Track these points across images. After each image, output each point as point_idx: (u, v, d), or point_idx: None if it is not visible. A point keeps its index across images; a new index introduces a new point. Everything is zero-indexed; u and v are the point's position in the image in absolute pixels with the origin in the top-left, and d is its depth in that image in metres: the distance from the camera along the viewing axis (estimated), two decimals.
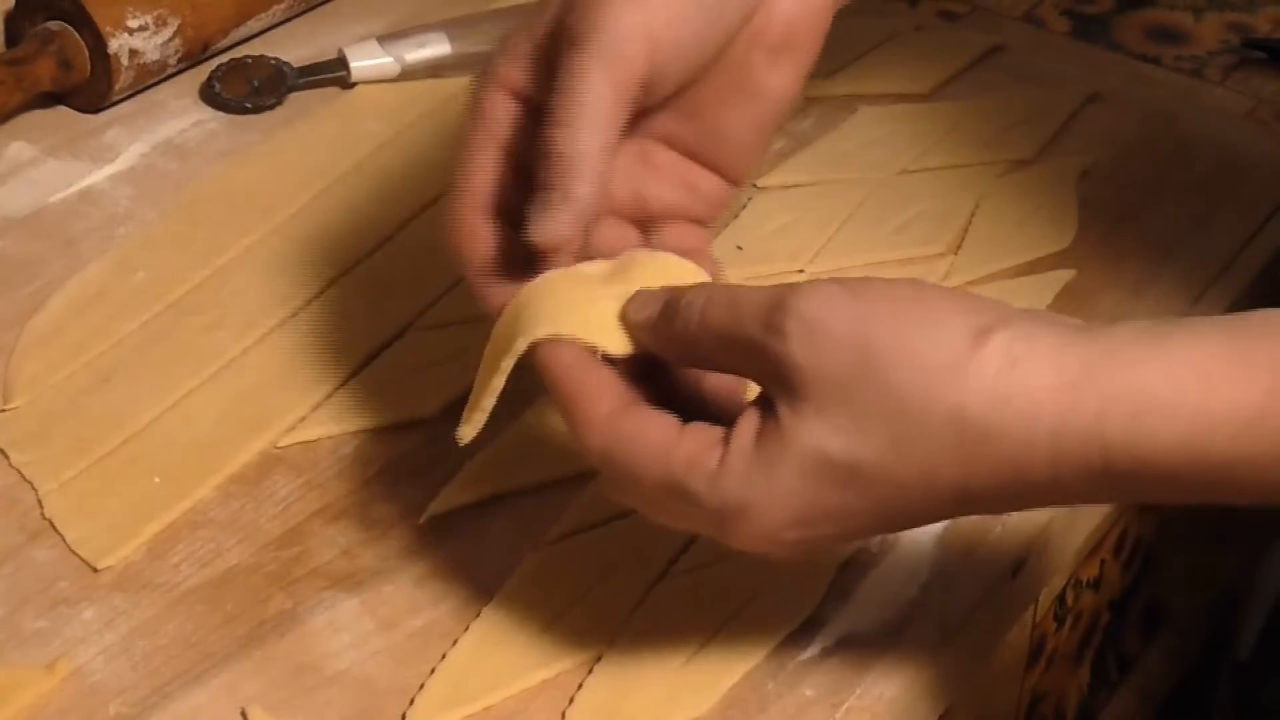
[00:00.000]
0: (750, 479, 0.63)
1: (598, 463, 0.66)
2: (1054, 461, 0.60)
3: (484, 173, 0.73)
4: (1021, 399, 0.59)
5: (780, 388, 0.63)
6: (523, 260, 0.70)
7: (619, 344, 0.67)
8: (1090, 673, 0.97)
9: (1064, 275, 0.94)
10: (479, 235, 0.72)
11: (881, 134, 1.03)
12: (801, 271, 0.93)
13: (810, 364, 0.62)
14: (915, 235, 0.96)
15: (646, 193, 0.75)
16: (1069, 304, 0.92)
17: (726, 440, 0.64)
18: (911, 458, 0.61)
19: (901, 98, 1.06)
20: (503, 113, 0.73)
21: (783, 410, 0.62)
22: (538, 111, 0.71)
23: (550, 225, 0.69)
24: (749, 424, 0.63)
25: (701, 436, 0.64)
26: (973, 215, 0.97)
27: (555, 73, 0.70)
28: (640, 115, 0.72)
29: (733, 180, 0.76)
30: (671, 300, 0.67)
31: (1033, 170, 1.01)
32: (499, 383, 0.69)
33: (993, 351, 0.60)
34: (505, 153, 0.73)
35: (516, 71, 0.72)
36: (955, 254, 0.95)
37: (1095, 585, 0.89)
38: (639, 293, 0.68)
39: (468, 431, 0.71)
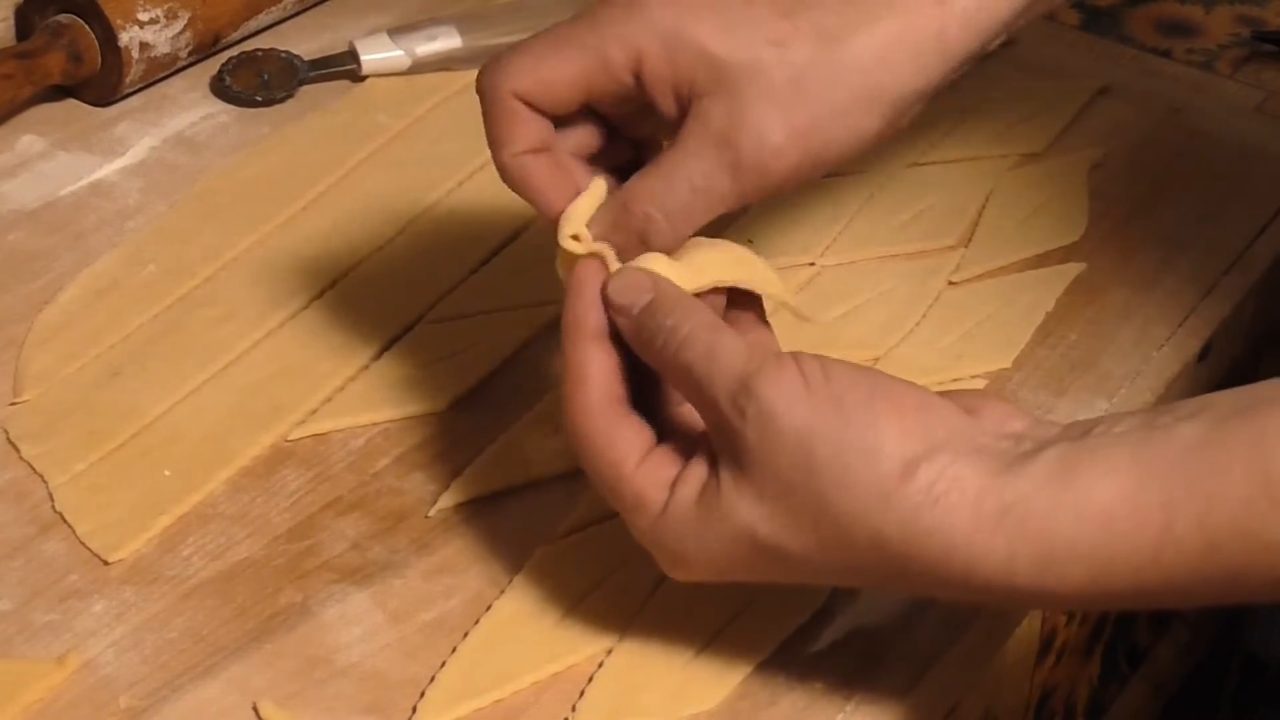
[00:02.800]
0: (684, 534, 0.67)
1: (570, 440, 0.70)
2: (964, 588, 0.65)
3: (549, 68, 0.73)
4: (938, 535, 0.64)
5: (729, 456, 0.66)
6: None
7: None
8: (1100, 665, 0.97)
9: (1074, 268, 0.94)
10: (518, 114, 0.73)
11: None
12: (813, 265, 0.93)
13: (759, 452, 0.65)
14: (925, 228, 0.96)
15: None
16: (1079, 297, 0.92)
17: (672, 485, 0.68)
18: (834, 559, 0.66)
19: None
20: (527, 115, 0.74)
21: (725, 478, 0.66)
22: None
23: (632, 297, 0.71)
24: (695, 478, 0.67)
25: (651, 475, 0.68)
26: (983, 208, 0.97)
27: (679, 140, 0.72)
28: None
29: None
30: (655, 312, 0.69)
31: (1043, 163, 1.01)
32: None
33: (918, 486, 0.64)
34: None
35: (541, 92, 0.73)
36: (965, 247, 0.95)
37: None
38: (622, 271, 0.71)
39: None
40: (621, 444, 0.69)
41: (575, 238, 0.72)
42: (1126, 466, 0.62)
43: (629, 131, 0.75)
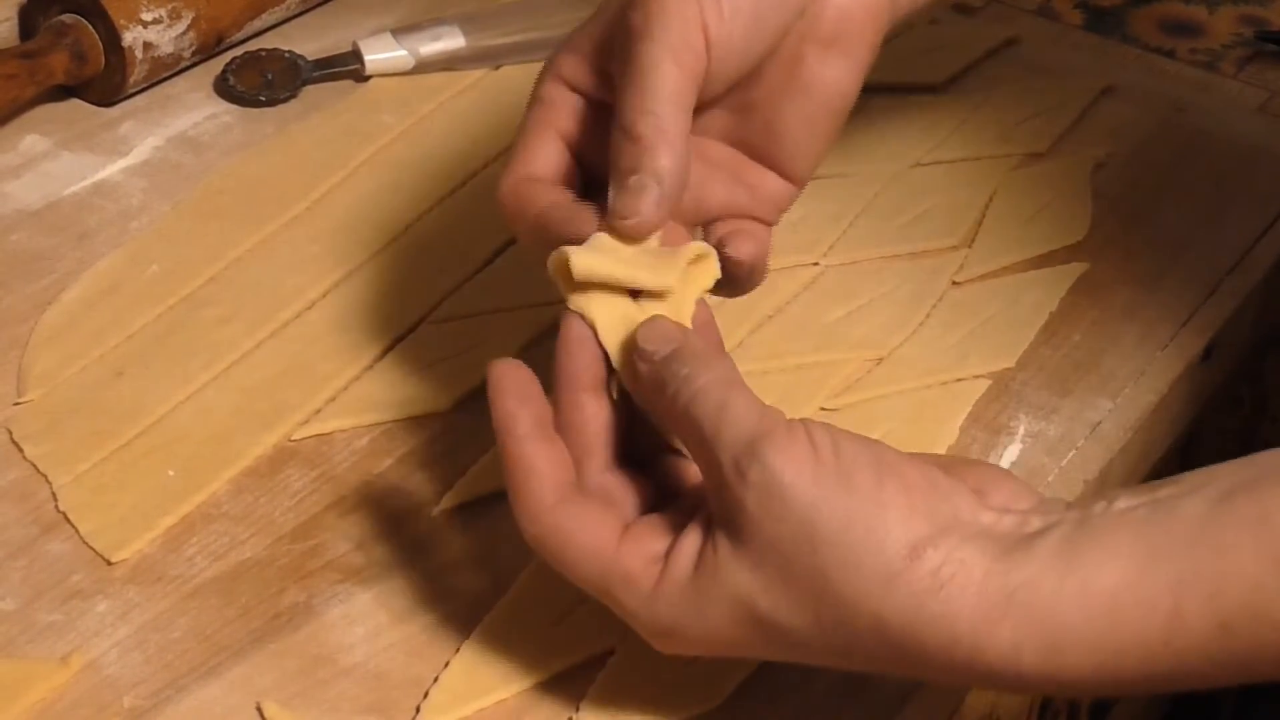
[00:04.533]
0: (680, 609, 0.66)
1: (532, 548, 0.68)
2: (968, 675, 0.63)
3: (543, 154, 0.73)
4: (943, 622, 0.62)
5: (728, 522, 0.65)
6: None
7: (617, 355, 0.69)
8: None
9: (1078, 268, 0.94)
10: (535, 197, 0.72)
11: (895, 127, 1.03)
12: (816, 265, 0.93)
13: (760, 521, 0.64)
14: (929, 228, 0.96)
15: (703, 190, 0.75)
16: (1082, 298, 0.92)
17: (665, 558, 0.66)
18: (832, 640, 0.65)
19: (915, 90, 1.06)
20: (562, 102, 0.74)
21: (722, 545, 0.65)
22: (597, 107, 0.73)
23: (639, 207, 0.70)
24: (690, 547, 0.66)
25: (640, 550, 0.66)
26: (986, 208, 0.97)
27: (623, 67, 0.71)
28: (696, 111, 0.72)
29: (792, 179, 0.76)
30: (676, 359, 0.67)
31: (1046, 163, 1.01)
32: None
33: (924, 570, 0.62)
34: (563, 140, 0.74)
35: (577, 66, 0.74)
36: (969, 247, 0.95)
37: None
38: (657, 319, 0.69)
39: None
40: (594, 527, 0.67)
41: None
42: (1130, 549, 0.61)
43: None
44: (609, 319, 0.69)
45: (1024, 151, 1.02)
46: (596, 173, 0.73)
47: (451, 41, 1.06)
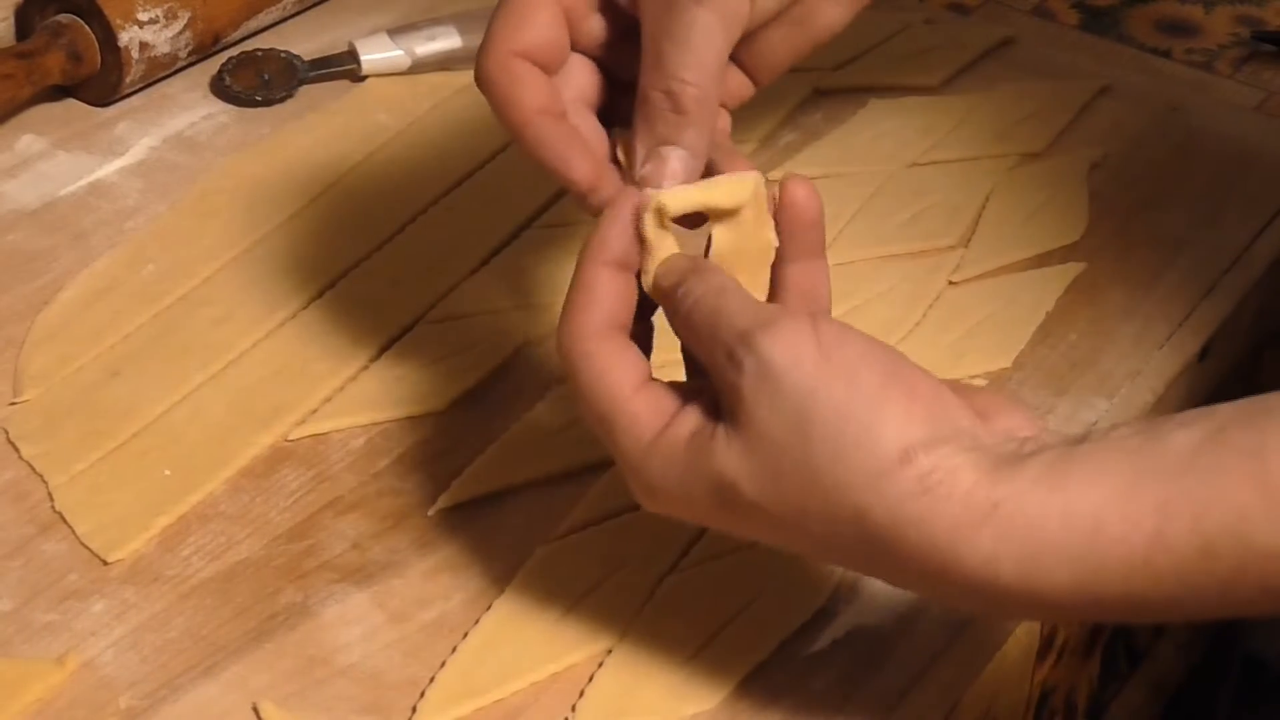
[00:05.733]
0: (667, 472, 0.66)
1: (562, 362, 0.69)
2: (945, 582, 0.63)
3: (539, 25, 0.73)
4: (923, 524, 0.63)
5: (726, 409, 0.65)
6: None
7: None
8: (1100, 665, 0.97)
9: (1074, 268, 0.94)
10: (529, 89, 0.72)
11: (892, 127, 1.03)
12: None
13: (753, 407, 0.64)
14: (925, 228, 0.96)
15: None
16: (1079, 297, 0.92)
17: (668, 420, 0.66)
18: (812, 531, 0.65)
19: (912, 91, 1.06)
20: None
21: (720, 427, 0.65)
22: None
23: (667, 175, 0.71)
24: (691, 417, 0.66)
25: (649, 404, 0.67)
26: (983, 208, 0.97)
27: (669, 18, 0.71)
28: None
29: (755, 83, 0.78)
30: (678, 284, 0.68)
31: (1043, 163, 1.01)
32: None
33: (912, 473, 0.62)
34: (563, 9, 0.73)
35: None
36: (966, 247, 0.95)
37: None
38: (672, 257, 0.69)
39: None
40: (623, 367, 0.68)
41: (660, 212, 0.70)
42: (1119, 469, 0.61)
43: (626, 74, 0.74)
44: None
45: (1021, 151, 1.02)
46: (591, 47, 0.74)
47: (448, 41, 1.06)
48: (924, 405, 0.64)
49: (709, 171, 0.73)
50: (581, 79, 0.75)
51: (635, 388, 0.67)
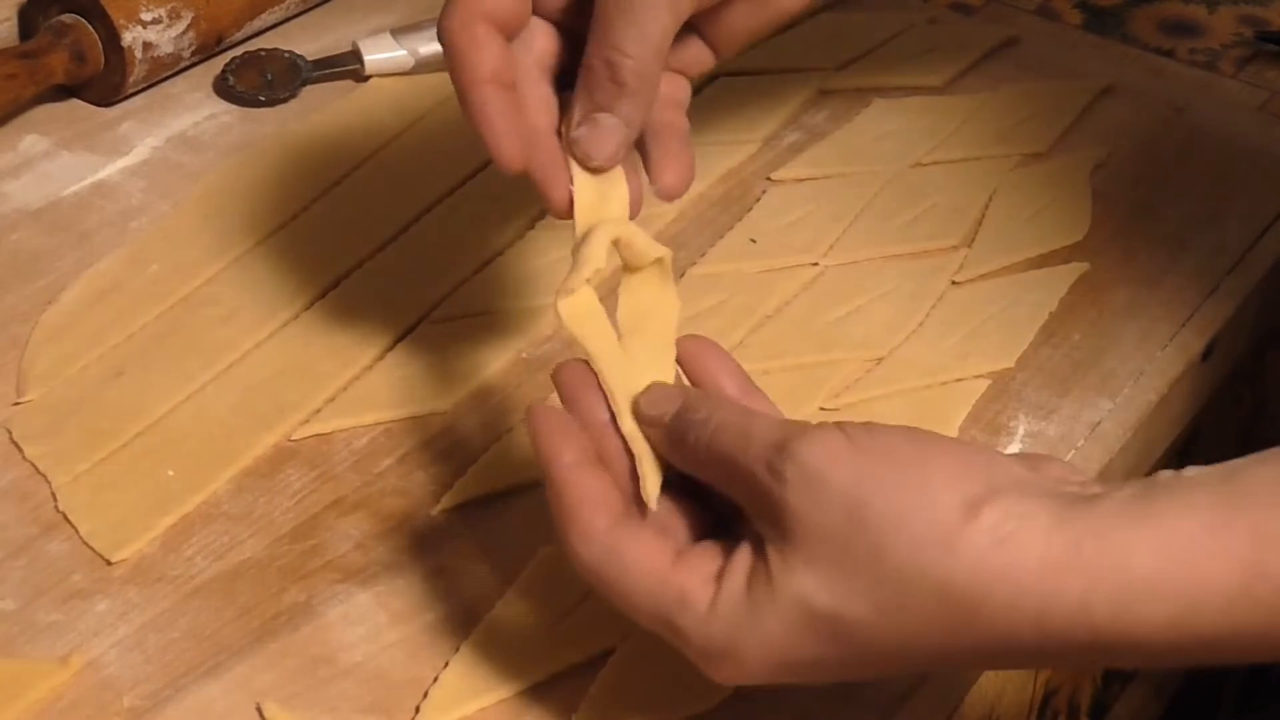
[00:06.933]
0: (737, 624, 0.64)
1: (585, 576, 0.67)
2: (1039, 637, 0.60)
3: None
4: (1008, 578, 0.60)
5: (773, 530, 0.63)
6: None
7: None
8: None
9: (1078, 268, 0.94)
10: (487, 53, 0.72)
11: (895, 127, 1.03)
12: (816, 264, 0.93)
13: (805, 514, 0.62)
14: (929, 228, 0.96)
15: None
16: (1083, 297, 0.92)
17: (719, 578, 0.64)
18: (895, 623, 0.62)
19: (915, 91, 1.06)
20: None
21: (773, 554, 0.63)
22: None
23: (602, 149, 0.72)
24: (741, 564, 0.64)
25: (695, 570, 0.65)
26: (986, 208, 0.97)
27: None
28: None
29: (718, 55, 0.79)
30: (686, 411, 0.67)
31: (1046, 163, 1.01)
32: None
33: (983, 527, 0.60)
34: None
35: None
36: (969, 247, 0.95)
37: None
38: (653, 386, 0.69)
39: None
40: (649, 547, 0.66)
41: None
42: (1205, 502, 0.59)
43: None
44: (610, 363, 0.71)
45: (1024, 151, 1.02)
46: (553, 11, 0.75)
47: None
48: (972, 461, 0.62)
49: (645, 152, 0.75)
50: (542, 43, 0.75)
51: (670, 565, 0.65)
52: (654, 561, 0.65)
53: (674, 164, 0.75)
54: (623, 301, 0.73)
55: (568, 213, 0.73)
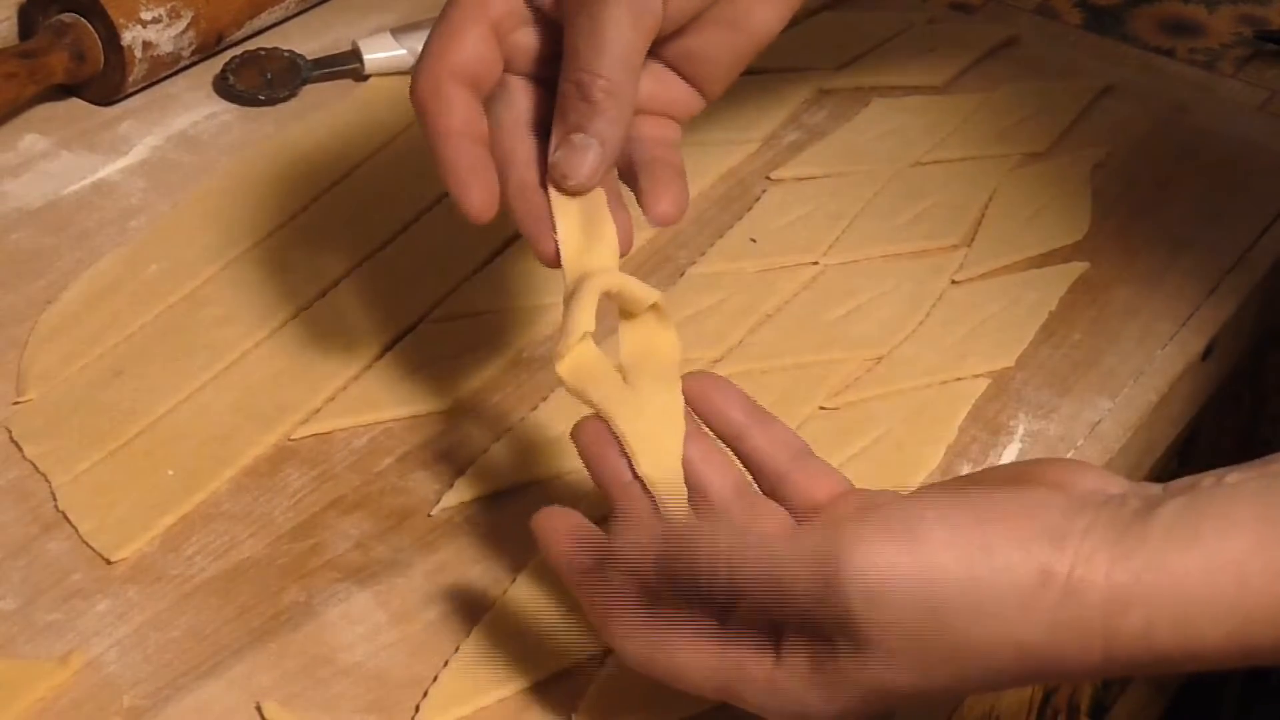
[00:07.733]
0: (808, 696, 0.65)
1: (637, 669, 0.67)
2: (1105, 664, 0.62)
3: (469, 45, 0.74)
4: (1077, 625, 0.61)
5: (840, 631, 0.63)
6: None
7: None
8: None
9: (1078, 268, 0.94)
10: (455, 106, 0.73)
11: (895, 126, 1.03)
12: (816, 264, 0.93)
13: (877, 624, 0.62)
14: (929, 228, 0.96)
15: None
16: (1083, 296, 0.92)
17: (776, 659, 0.65)
18: (975, 682, 0.64)
19: (915, 90, 1.06)
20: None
21: (842, 649, 0.63)
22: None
23: (579, 168, 0.72)
24: (801, 651, 0.64)
25: (741, 638, 0.65)
26: (986, 208, 0.97)
27: (582, 16, 0.72)
28: None
29: (705, 95, 0.79)
30: (685, 543, 0.65)
31: (1046, 163, 1.01)
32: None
33: (1054, 588, 0.61)
34: (493, 31, 0.74)
35: None
36: (969, 246, 0.95)
37: None
38: (623, 529, 0.67)
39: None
40: (692, 624, 0.66)
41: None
42: (1249, 516, 0.61)
43: None
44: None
45: (1024, 151, 1.02)
46: (521, 65, 0.75)
47: None
48: (1023, 515, 0.63)
49: (636, 186, 0.75)
50: (524, 100, 0.75)
51: (719, 640, 0.66)
52: (702, 635, 0.66)
53: (667, 192, 0.75)
54: (624, 343, 0.73)
55: (556, 262, 0.73)
